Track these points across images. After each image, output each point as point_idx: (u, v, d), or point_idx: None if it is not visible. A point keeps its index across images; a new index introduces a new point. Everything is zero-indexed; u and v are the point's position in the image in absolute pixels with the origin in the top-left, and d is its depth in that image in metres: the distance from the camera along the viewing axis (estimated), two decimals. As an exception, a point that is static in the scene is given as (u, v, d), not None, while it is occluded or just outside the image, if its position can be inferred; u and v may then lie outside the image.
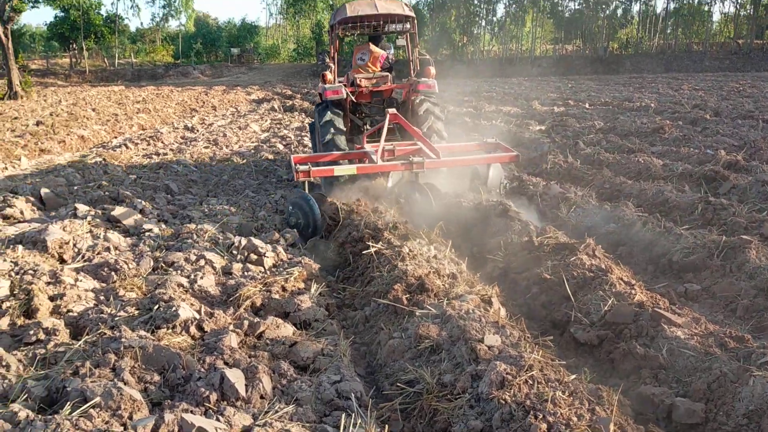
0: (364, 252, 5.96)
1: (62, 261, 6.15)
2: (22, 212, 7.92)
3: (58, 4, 46.92)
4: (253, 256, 6.10)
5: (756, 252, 5.28)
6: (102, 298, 5.08)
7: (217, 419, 3.05)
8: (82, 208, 7.73)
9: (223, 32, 74.44)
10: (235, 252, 6.20)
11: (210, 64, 64.91)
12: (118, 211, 7.58)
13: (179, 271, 5.58)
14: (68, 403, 3.07)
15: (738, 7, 61.57)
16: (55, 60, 61.57)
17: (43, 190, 8.81)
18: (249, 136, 16.79)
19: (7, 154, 12.34)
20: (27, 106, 23.21)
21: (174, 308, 4.33)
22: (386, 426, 3.24)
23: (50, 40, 62.76)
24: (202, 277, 5.42)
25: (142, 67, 60.96)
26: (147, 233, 7.03)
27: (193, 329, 4.23)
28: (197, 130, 17.71)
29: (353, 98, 9.37)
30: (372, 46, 9.80)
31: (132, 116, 20.13)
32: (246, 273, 5.72)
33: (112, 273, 5.63)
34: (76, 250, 6.31)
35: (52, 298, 4.92)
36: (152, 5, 76.50)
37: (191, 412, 3.07)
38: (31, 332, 4.19)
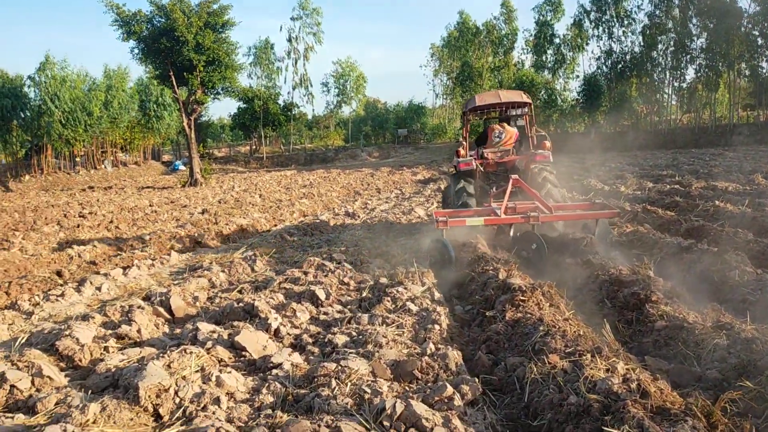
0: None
1: (157, 417, 4.46)
2: (139, 331, 6.53)
3: (238, 96, 50.69)
4: (414, 433, 3.90)
5: None
6: None
7: None
8: (205, 328, 6.14)
9: (390, 114, 76.58)
10: (386, 423, 4.04)
11: (378, 146, 66.42)
12: (245, 335, 5.84)
13: (300, 463, 3.54)
14: None
15: None
16: (239, 147, 66.63)
17: (174, 300, 7.47)
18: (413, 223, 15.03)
19: (159, 248, 11.61)
20: (201, 194, 23.81)
21: None
22: None
23: (234, 129, 68.34)
24: (331, 482, 3.32)
25: (314, 151, 63.84)
26: (275, 370, 5.19)
27: None
28: (358, 216, 16.35)
29: (482, 168, 11.58)
30: (507, 126, 11.85)
31: (295, 202, 19.47)
32: (402, 471, 3.53)
33: (209, 453, 3.76)
34: (177, 401, 4.58)
35: None
36: (327, 94, 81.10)
37: None
38: None
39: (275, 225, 15.72)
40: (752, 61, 56.09)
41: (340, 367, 4.96)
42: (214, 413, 4.41)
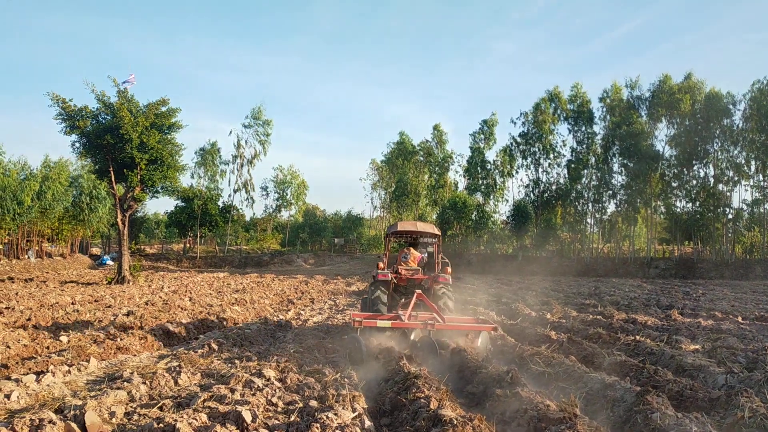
0: None
1: None
2: (47, 451, 6.10)
3: (178, 196, 50.43)
4: None
5: None
6: None
7: None
8: (120, 452, 5.81)
9: (329, 223, 77.44)
10: None
11: (314, 253, 66.52)
12: (161, 464, 5.56)
13: None
14: None
15: None
16: (172, 245, 65.26)
17: (89, 415, 7.06)
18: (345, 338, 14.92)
19: (78, 353, 11.02)
20: (128, 293, 22.97)
21: None
22: None
23: (169, 226, 67.38)
24: None
25: (249, 254, 63.22)
26: None
27: None
28: (291, 328, 16.10)
29: (395, 281, 14.39)
30: (412, 250, 14.99)
31: (226, 308, 19.02)
32: None
33: None
34: None
35: None
36: (266, 198, 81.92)
37: None
38: None
39: (204, 332, 15.25)
40: (667, 199, 60.64)
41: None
42: None
